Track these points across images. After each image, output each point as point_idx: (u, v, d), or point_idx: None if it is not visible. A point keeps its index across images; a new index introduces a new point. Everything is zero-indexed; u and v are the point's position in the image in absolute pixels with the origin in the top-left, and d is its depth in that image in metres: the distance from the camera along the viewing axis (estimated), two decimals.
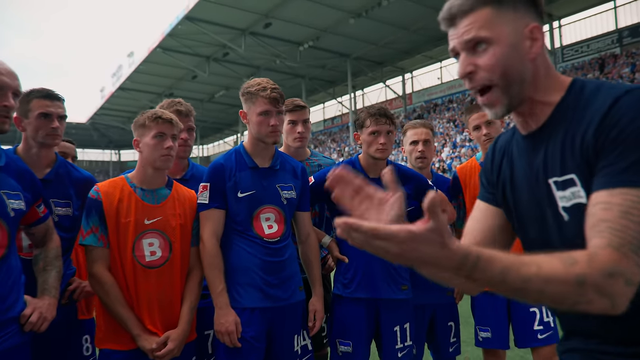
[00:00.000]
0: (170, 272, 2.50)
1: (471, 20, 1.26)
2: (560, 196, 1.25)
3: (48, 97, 2.61)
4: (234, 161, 2.71)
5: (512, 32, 1.25)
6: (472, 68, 1.28)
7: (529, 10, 1.27)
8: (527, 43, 1.26)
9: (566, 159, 1.23)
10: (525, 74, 1.27)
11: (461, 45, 1.29)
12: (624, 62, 27.59)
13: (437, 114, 37.20)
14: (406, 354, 3.00)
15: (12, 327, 2.09)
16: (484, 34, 1.24)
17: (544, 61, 1.30)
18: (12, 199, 2.14)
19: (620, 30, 30.04)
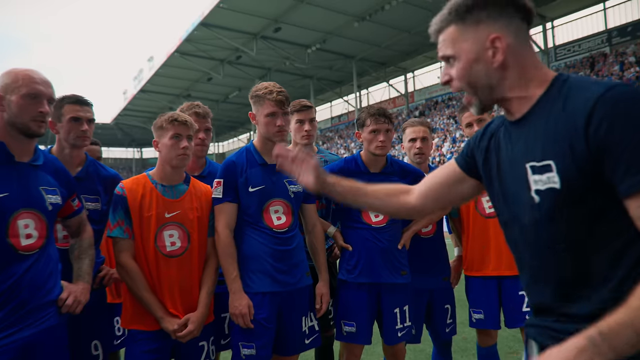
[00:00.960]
0: (189, 261, 2.55)
1: (442, 39, 1.37)
2: (536, 180, 1.25)
3: (78, 103, 2.69)
4: (245, 159, 2.76)
5: (473, 46, 1.30)
6: (448, 78, 1.39)
7: (495, 18, 1.29)
8: (489, 53, 1.29)
9: (546, 146, 1.23)
10: (492, 81, 1.32)
11: (440, 58, 1.39)
12: (613, 60, 27.26)
13: (437, 111, 36.99)
14: (405, 333, 3.05)
15: (51, 309, 2.16)
16: (449, 52, 1.35)
17: (518, 63, 1.30)
18: (50, 194, 2.20)
19: (610, 31, 29.65)
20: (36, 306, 2.08)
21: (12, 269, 2.01)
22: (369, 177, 3.04)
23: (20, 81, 2.08)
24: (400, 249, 3.05)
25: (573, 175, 1.17)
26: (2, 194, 2.02)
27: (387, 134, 3.00)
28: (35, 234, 2.11)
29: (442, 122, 33.82)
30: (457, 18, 1.32)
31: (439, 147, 30.51)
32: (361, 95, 44.02)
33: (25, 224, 2.08)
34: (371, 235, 2.99)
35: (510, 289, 3.23)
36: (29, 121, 2.09)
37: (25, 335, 2.02)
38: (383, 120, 2.99)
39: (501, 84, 1.32)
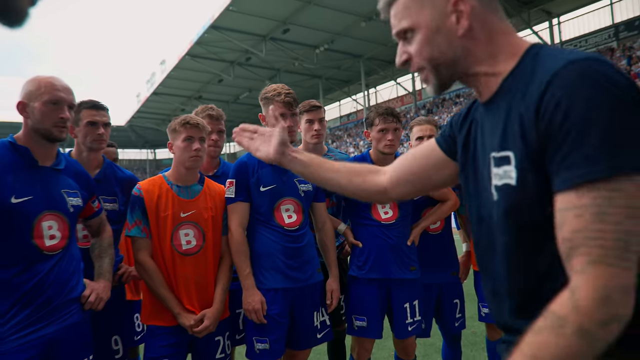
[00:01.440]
0: (204, 259, 2.59)
1: (395, 12, 1.16)
2: (494, 173, 1.06)
3: (95, 107, 2.74)
4: (256, 159, 2.77)
5: (433, 13, 1.10)
6: (406, 56, 1.19)
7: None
8: (452, 19, 1.09)
9: (507, 134, 1.03)
10: (456, 53, 1.11)
11: (395, 35, 1.20)
12: (620, 55, 26.91)
13: (445, 108, 36.79)
14: (415, 327, 3.06)
15: (74, 306, 2.21)
16: (405, 24, 1.14)
17: (486, 29, 1.09)
18: (71, 197, 2.26)
19: (617, 25, 29.26)
20: (60, 303, 2.13)
21: (37, 268, 2.07)
22: None
23: (43, 88, 2.14)
24: (410, 245, 3.07)
25: (528, 170, 0.97)
26: (27, 198, 2.08)
27: (395, 132, 3.02)
28: (59, 235, 2.17)
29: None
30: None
31: None
32: (369, 94, 43.90)
33: (49, 225, 2.14)
34: (381, 232, 3.01)
35: None
36: (51, 127, 2.14)
37: (50, 332, 2.07)
38: (391, 119, 3.01)
39: (467, 56, 1.11)
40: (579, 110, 0.87)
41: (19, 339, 1.98)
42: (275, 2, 26.73)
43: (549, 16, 31.47)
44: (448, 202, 3.24)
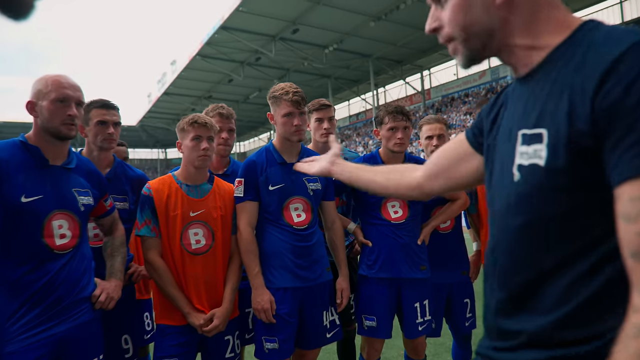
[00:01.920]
0: (214, 258, 2.57)
1: None
2: (522, 152, 0.96)
3: (104, 107, 2.73)
4: (264, 158, 2.77)
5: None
6: (437, 24, 1.09)
7: None
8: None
9: (546, 110, 0.92)
10: (492, 24, 1.00)
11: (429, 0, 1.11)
12: None
13: (454, 107, 36.63)
14: (426, 327, 3.02)
15: (85, 305, 2.20)
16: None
17: (529, 1, 0.98)
18: (82, 196, 2.25)
19: (627, 23, 28.98)
20: (71, 302, 2.12)
21: (48, 267, 2.06)
22: None
23: (50, 87, 2.13)
24: (420, 244, 3.03)
25: (563, 151, 0.87)
26: (37, 197, 2.07)
27: (405, 131, 2.98)
28: (69, 234, 2.16)
29: (459, 119, 33.45)
30: None
31: None
32: (378, 94, 43.78)
33: (59, 224, 2.13)
34: (390, 231, 2.97)
35: None
36: (59, 125, 2.13)
37: (61, 330, 2.06)
38: (401, 117, 2.97)
39: (504, 27, 1.00)
40: None
41: (29, 338, 1.97)
42: (285, 3, 26.74)
43: None
44: (458, 201, 3.20)
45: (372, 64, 36.36)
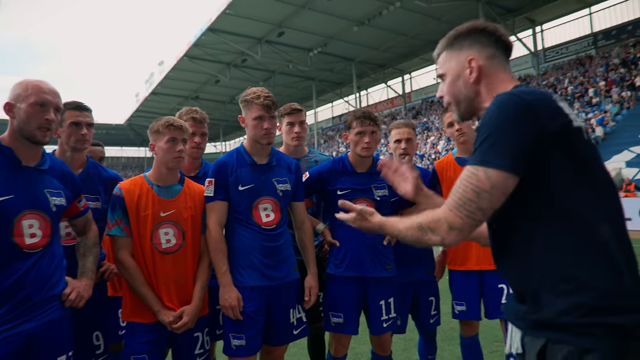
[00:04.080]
0: (184, 257, 2.57)
1: (438, 62, 1.64)
2: None
3: (78, 109, 2.70)
4: (235, 159, 2.77)
5: (456, 66, 1.56)
6: (442, 93, 1.65)
7: (473, 45, 1.53)
8: (467, 71, 1.53)
9: None
10: (469, 94, 1.55)
11: (439, 78, 1.66)
12: (599, 62, 27.10)
13: (433, 110, 36.86)
14: (391, 324, 3.05)
15: (55, 303, 2.18)
16: (441, 72, 1.62)
17: (490, 79, 1.51)
18: (55, 197, 2.23)
19: (595, 34, 29.52)
20: (41, 300, 2.10)
21: (16, 266, 2.04)
22: (355, 177, 3.05)
23: (30, 90, 2.13)
24: (386, 244, 3.05)
25: None
26: (7, 197, 2.05)
27: (372, 135, 3.00)
28: (39, 233, 2.14)
29: (438, 122, 33.70)
30: (447, 46, 1.59)
31: (434, 145, 30.44)
32: (361, 96, 43.93)
33: (29, 224, 2.11)
34: (358, 232, 2.96)
35: (490, 282, 3.25)
36: (34, 129, 2.12)
37: (30, 327, 2.04)
38: (368, 122, 2.99)
39: (476, 97, 1.54)
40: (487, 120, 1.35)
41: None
42: (271, 6, 26.70)
43: (532, 24, 31.67)
44: None
45: (355, 67, 36.51)
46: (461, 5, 26.99)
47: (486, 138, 1.28)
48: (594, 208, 1.25)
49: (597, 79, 25.18)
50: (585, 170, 1.28)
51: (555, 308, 1.22)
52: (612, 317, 1.16)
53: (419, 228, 1.38)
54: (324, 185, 3.07)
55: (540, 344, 1.25)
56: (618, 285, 1.20)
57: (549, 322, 1.23)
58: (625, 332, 1.15)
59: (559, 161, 1.25)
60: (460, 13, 27.92)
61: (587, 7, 29.88)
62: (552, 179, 1.25)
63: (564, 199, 1.25)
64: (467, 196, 1.28)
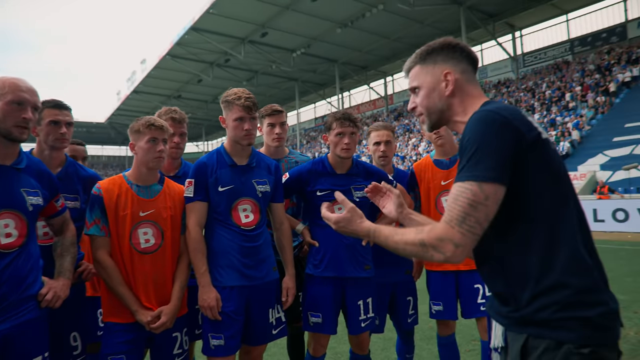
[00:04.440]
0: (163, 257, 2.55)
1: (410, 75, 1.70)
2: None
3: (57, 107, 2.66)
4: (215, 160, 2.76)
5: (431, 79, 1.62)
6: (414, 104, 1.70)
7: (447, 60, 1.61)
8: (443, 84, 1.60)
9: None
10: (443, 106, 1.62)
11: (410, 90, 1.72)
12: (575, 67, 27.70)
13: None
14: (369, 324, 3.07)
15: (31, 303, 2.15)
16: (415, 84, 1.68)
17: (462, 93, 1.60)
18: (31, 196, 2.20)
19: (572, 40, 30.20)
20: (16, 300, 2.07)
21: None
22: (335, 178, 3.06)
23: (7, 88, 2.09)
24: (364, 245, 3.06)
25: None
26: None
27: (351, 136, 3.01)
28: (15, 233, 2.10)
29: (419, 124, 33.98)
30: (420, 60, 1.65)
31: (415, 147, 30.68)
32: (343, 97, 44.07)
33: (5, 223, 2.08)
34: (336, 233, 2.98)
35: (466, 282, 3.29)
36: (11, 127, 2.09)
37: (5, 327, 2.01)
38: (348, 123, 3.00)
39: (449, 109, 1.62)
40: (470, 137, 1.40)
41: None
42: (255, 7, 26.62)
43: (512, 29, 32.19)
44: None
45: (338, 68, 36.62)
46: (443, 10, 27.29)
47: (474, 153, 1.34)
48: (566, 212, 1.36)
49: (574, 84, 25.74)
50: (555, 177, 1.38)
51: (534, 306, 1.33)
52: (581, 311, 1.28)
53: (421, 245, 1.39)
54: (304, 186, 3.08)
55: (522, 340, 1.36)
56: (589, 283, 1.32)
57: (529, 319, 1.34)
58: (593, 324, 1.27)
59: (534, 169, 1.35)
60: (442, 17, 28.27)
61: (564, 14, 30.55)
62: (530, 186, 1.35)
63: (540, 204, 1.35)
64: (466, 211, 1.32)
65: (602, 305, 1.30)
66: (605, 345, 1.28)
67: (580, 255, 1.33)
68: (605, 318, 1.29)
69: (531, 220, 1.36)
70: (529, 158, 1.34)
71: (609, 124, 21.92)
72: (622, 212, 14.57)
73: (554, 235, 1.34)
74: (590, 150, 21.01)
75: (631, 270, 8.27)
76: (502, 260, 1.42)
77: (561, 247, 1.33)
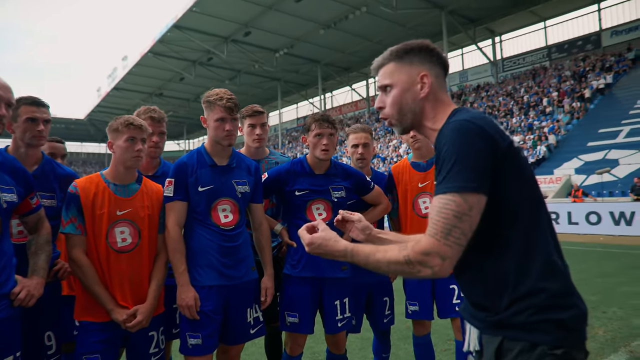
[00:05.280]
0: (139, 256, 2.54)
1: (382, 72, 1.61)
2: None
3: (34, 104, 2.62)
4: (195, 160, 2.76)
5: (407, 79, 1.55)
6: (382, 104, 1.62)
7: (423, 62, 1.55)
8: (418, 86, 1.54)
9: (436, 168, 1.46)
10: (416, 108, 1.56)
11: (378, 88, 1.64)
12: (552, 73, 28.26)
13: None
14: (345, 323, 3.09)
15: (3, 302, 2.12)
16: (387, 82, 1.59)
17: (435, 98, 1.55)
18: (5, 193, 2.17)
19: (550, 47, 30.81)
20: None
21: None
22: (313, 178, 3.08)
23: None
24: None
25: None
26: None
27: (330, 138, 3.04)
28: None
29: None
30: (396, 58, 1.57)
31: (396, 148, 30.91)
32: (325, 98, 44.20)
33: None
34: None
35: (442, 283, 3.34)
36: None
37: None
38: (327, 125, 3.03)
39: (421, 113, 1.57)
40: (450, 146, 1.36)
41: None
42: (238, 6, 26.52)
43: (492, 34, 32.68)
44: (380, 205, 3.30)
45: (321, 69, 36.69)
46: (425, 13, 27.57)
47: (454, 164, 1.32)
48: (540, 217, 1.39)
49: (551, 89, 26.25)
50: (528, 184, 1.40)
51: (511, 311, 1.35)
52: (556, 314, 1.31)
53: (407, 262, 1.32)
54: (282, 185, 3.09)
55: (497, 342, 1.37)
56: (562, 286, 1.35)
57: (504, 323, 1.36)
58: (566, 326, 1.31)
59: (510, 177, 1.36)
60: (424, 21, 28.55)
61: (542, 20, 31.16)
62: (507, 194, 1.36)
63: (517, 211, 1.37)
64: (451, 223, 1.29)
65: (574, 307, 1.34)
66: (575, 346, 1.32)
67: (553, 259, 1.36)
68: (576, 320, 1.33)
69: (509, 227, 1.37)
70: (505, 166, 1.34)
71: (584, 129, 22.44)
72: (594, 215, 14.95)
73: (529, 241, 1.36)
74: (565, 154, 21.46)
75: (601, 272, 8.49)
76: (481, 268, 1.42)
77: (537, 253, 1.35)
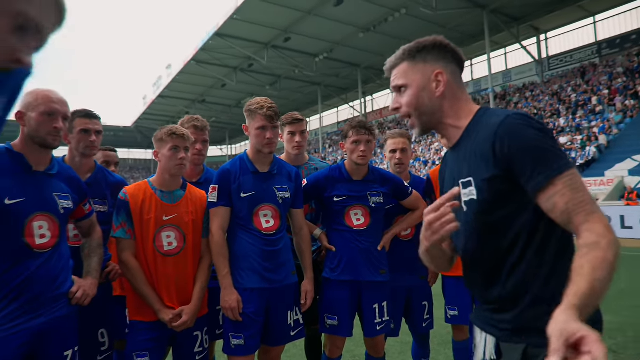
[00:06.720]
0: (184, 259, 2.66)
1: (395, 73, 1.58)
2: (463, 192, 1.48)
3: (87, 116, 2.81)
4: (238, 167, 2.86)
5: (421, 78, 1.52)
6: (398, 105, 1.59)
7: (438, 60, 1.52)
8: (433, 85, 1.52)
9: (469, 165, 1.45)
10: (434, 107, 1.53)
11: (393, 89, 1.61)
12: (602, 70, 27.08)
13: None
14: (384, 327, 3.12)
15: (62, 300, 2.28)
16: (402, 82, 1.56)
17: (453, 96, 1.53)
18: (62, 200, 2.33)
19: (600, 43, 29.48)
20: (49, 298, 2.20)
21: (27, 264, 2.14)
22: (351, 184, 3.13)
23: (40, 100, 2.25)
24: (380, 250, 3.14)
25: (485, 188, 1.40)
26: (20, 199, 2.16)
27: (367, 144, 3.08)
28: (49, 234, 2.24)
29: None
30: (409, 57, 1.55)
31: (438, 151, 30.47)
32: (366, 102, 44.04)
33: (39, 225, 2.21)
34: (353, 237, 3.07)
35: None
36: (45, 135, 2.24)
37: (39, 323, 2.14)
38: (364, 131, 3.08)
39: (440, 111, 1.54)
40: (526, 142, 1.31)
41: (11, 329, 2.05)
42: (278, 12, 26.82)
43: (537, 32, 31.66)
44: (418, 210, 3.31)
45: (361, 73, 36.55)
46: (466, 13, 27.04)
47: (543, 153, 1.28)
48: None
49: (601, 87, 25.17)
50: None
51: (533, 313, 1.32)
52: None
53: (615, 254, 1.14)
54: (321, 192, 3.16)
55: (520, 350, 1.33)
56: None
57: (527, 327, 1.33)
58: None
59: None
60: (465, 21, 28.00)
61: (591, 16, 29.86)
62: None
63: None
64: (588, 194, 1.25)
65: (597, 313, 1.32)
66: None
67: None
68: (600, 326, 1.32)
69: (550, 223, 1.32)
70: None
71: (638, 128, 21.38)
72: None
73: (564, 242, 1.35)
74: (618, 154, 20.51)
75: None
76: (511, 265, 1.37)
77: (567, 254, 1.33)
